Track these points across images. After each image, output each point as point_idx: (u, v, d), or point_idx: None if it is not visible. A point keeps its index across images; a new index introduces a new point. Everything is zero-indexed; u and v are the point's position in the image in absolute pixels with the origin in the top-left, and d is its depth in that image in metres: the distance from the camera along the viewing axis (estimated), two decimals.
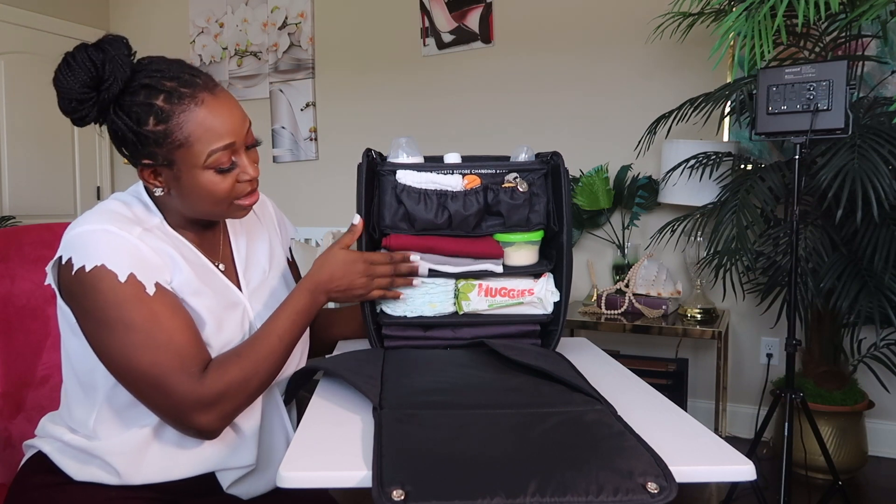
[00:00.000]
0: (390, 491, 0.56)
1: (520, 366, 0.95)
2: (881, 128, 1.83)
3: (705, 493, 2.14)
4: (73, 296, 0.86)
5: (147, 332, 0.83)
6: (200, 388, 0.84)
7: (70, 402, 0.95)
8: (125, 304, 0.83)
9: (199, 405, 0.84)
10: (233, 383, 0.87)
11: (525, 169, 1.11)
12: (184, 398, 0.83)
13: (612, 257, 2.77)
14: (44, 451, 0.95)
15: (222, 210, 0.93)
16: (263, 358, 0.91)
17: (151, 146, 0.86)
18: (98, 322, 0.84)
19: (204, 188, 0.89)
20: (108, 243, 0.85)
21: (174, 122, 0.85)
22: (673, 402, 0.84)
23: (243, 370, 0.88)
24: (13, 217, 3.42)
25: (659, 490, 0.57)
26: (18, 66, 3.62)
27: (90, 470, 0.92)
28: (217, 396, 0.85)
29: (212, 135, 0.86)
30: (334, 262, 1.01)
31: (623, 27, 2.76)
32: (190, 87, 0.86)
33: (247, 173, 0.91)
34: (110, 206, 0.91)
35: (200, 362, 0.86)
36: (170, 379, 0.83)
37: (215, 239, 1.02)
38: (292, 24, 3.51)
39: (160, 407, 0.85)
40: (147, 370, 0.83)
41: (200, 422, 0.85)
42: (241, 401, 0.88)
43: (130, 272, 0.84)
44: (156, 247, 0.89)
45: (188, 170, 0.88)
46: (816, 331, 2.22)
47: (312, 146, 3.51)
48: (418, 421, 0.73)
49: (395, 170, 1.08)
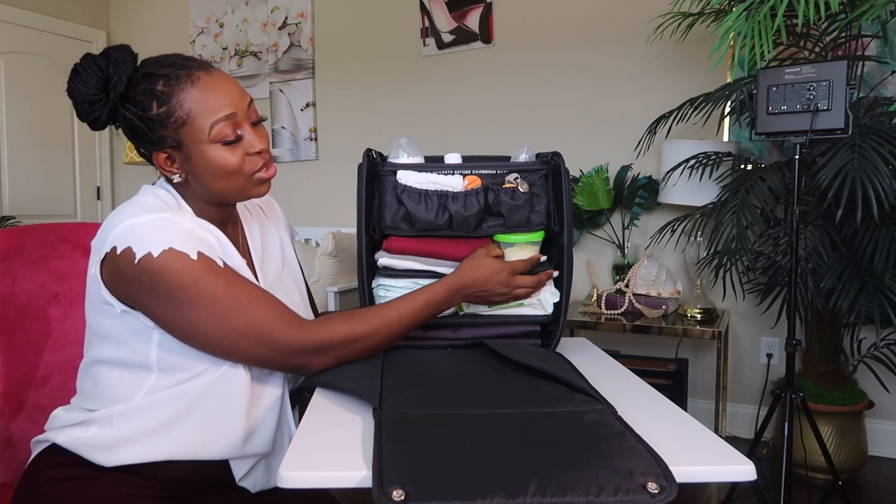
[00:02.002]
0: (390, 491, 0.56)
1: (520, 366, 0.96)
2: (881, 128, 1.83)
3: (705, 494, 2.14)
4: (138, 284, 0.87)
5: (233, 297, 0.88)
6: (305, 332, 0.90)
7: (103, 388, 0.94)
8: (204, 278, 0.87)
9: (304, 350, 0.90)
10: (338, 335, 0.92)
11: (525, 169, 1.11)
12: (288, 342, 0.89)
13: (612, 257, 2.77)
14: (58, 443, 0.94)
15: (241, 186, 0.95)
16: (377, 327, 0.95)
17: (159, 130, 0.91)
18: (181, 302, 0.86)
19: (214, 164, 0.92)
20: (169, 229, 0.87)
21: (174, 101, 0.89)
22: (673, 402, 0.84)
23: (352, 329, 0.93)
24: (13, 217, 3.42)
25: (659, 490, 0.58)
26: (18, 66, 3.62)
27: (117, 446, 0.91)
28: (320, 344, 0.90)
29: (211, 107, 0.90)
30: (481, 268, 1.03)
31: (623, 27, 2.76)
32: (186, 68, 0.91)
33: (254, 146, 0.94)
34: (150, 199, 0.94)
35: (291, 312, 0.92)
36: (272, 329, 0.88)
37: (234, 234, 1.05)
38: (292, 24, 3.51)
39: (268, 357, 0.90)
40: (244, 329, 0.88)
41: (308, 363, 0.91)
42: (345, 353, 0.93)
43: (198, 250, 0.88)
44: (208, 229, 0.93)
45: (195, 146, 0.91)
46: (816, 331, 2.22)
47: (312, 146, 3.51)
48: (418, 421, 0.73)
49: (396, 170, 1.08)
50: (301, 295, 1.12)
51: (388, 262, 1.08)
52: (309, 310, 1.14)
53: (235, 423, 0.93)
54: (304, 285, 1.17)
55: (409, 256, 1.08)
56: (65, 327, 1.20)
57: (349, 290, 2.66)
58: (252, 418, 0.95)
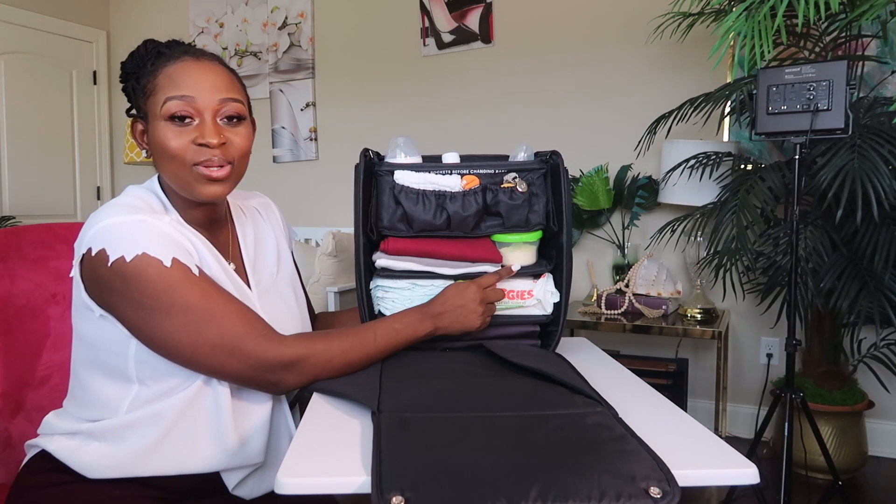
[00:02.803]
0: (390, 497, 0.56)
1: (519, 368, 0.95)
2: (881, 128, 1.82)
3: (705, 494, 2.14)
4: (110, 288, 0.85)
5: (206, 308, 0.85)
6: (280, 346, 0.87)
7: (90, 395, 0.94)
8: (177, 286, 0.84)
9: (279, 365, 0.86)
10: (315, 351, 0.89)
11: (524, 169, 1.10)
12: (262, 357, 0.86)
13: (612, 257, 2.77)
14: (48, 451, 0.94)
15: (184, 176, 0.91)
16: (352, 344, 0.92)
17: (133, 97, 0.95)
18: (151, 310, 0.84)
19: (158, 141, 0.91)
20: (145, 232, 0.85)
21: (152, 73, 0.92)
22: (673, 402, 0.84)
23: (329, 346, 0.90)
24: (13, 217, 3.42)
25: (662, 495, 0.57)
26: (18, 66, 3.62)
27: (104, 462, 0.90)
28: (295, 358, 0.87)
29: (173, 85, 0.90)
30: (451, 291, 1.02)
31: (623, 27, 2.76)
32: (180, 51, 0.93)
33: (204, 136, 0.89)
34: (132, 200, 0.92)
35: (267, 326, 0.89)
36: (244, 343, 0.85)
37: (224, 238, 1.03)
38: (292, 24, 3.50)
39: (241, 373, 0.87)
40: (217, 342, 0.85)
41: (280, 379, 0.87)
42: (320, 370, 0.90)
43: (173, 256, 0.85)
44: (186, 235, 0.91)
45: (153, 120, 0.91)
46: (816, 331, 2.21)
47: (312, 146, 3.51)
48: (417, 425, 0.72)
49: (393, 170, 1.08)
50: (298, 299, 1.10)
51: (386, 263, 1.07)
52: (306, 315, 1.12)
53: (220, 439, 0.91)
54: (301, 290, 1.15)
55: (407, 257, 1.08)
56: (63, 327, 1.19)
57: (349, 290, 2.66)
58: (241, 431, 0.93)
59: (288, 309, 1.05)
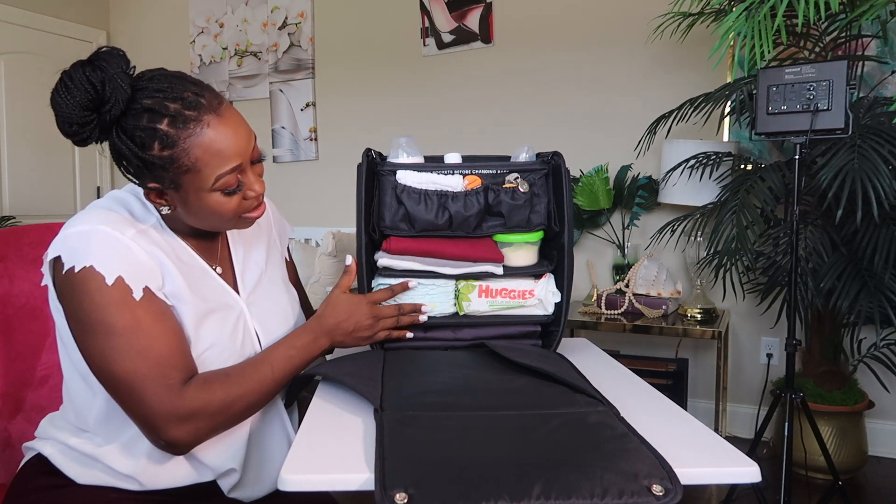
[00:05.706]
0: (394, 494, 0.56)
1: (521, 367, 0.95)
2: (881, 128, 1.82)
3: (705, 494, 2.14)
4: (62, 295, 0.85)
5: (127, 339, 0.82)
6: (178, 400, 0.82)
7: (73, 397, 0.95)
8: (108, 307, 0.82)
9: (174, 418, 0.82)
10: (213, 402, 0.85)
11: (526, 169, 1.11)
12: (158, 409, 0.81)
13: (612, 257, 2.77)
14: (44, 454, 0.95)
15: (228, 224, 0.93)
16: (251, 385, 0.89)
17: (157, 171, 0.85)
18: (81, 324, 0.83)
19: (211, 209, 0.88)
20: (99, 244, 0.83)
21: (180, 147, 0.83)
22: (673, 402, 0.84)
23: (228, 392, 0.86)
24: (13, 217, 3.42)
25: (664, 493, 0.57)
26: (18, 66, 3.61)
27: (92, 473, 0.92)
28: (194, 412, 0.83)
29: (219, 159, 0.85)
30: (338, 306, 1.01)
31: (623, 27, 2.76)
32: (195, 109, 0.83)
33: (253, 190, 0.91)
34: (106, 205, 0.91)
35: (182, 374, 0.84)
36: (146, 388, 0.81)
37: (213, 241, 1.01)
38: (292, 24, 3.50)
39: (135, 415, 0.83)
40: (123, 377, 0.81)
41: (172, 435, 0.82)
42: (220, 421, 0.86)
43: (119, 275, 0.83)
44: (149, 250, 0.88)
45: (195, 192, 0.86)
46: (816, 331, 2.22)
47: (312, 146, 3.51)
48: (420, 423, 0.72)
49: (395, 170, 1.08)
50: (290, 296, 1.10)
51: (388, 262, 1.08)
52: (299, 311, 1.11)
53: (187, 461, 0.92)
54: (293, 289, 1.14)
55: (409, 257, 1.08)
56: None
57: None
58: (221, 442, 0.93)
59: (278, 307, 1.05)
